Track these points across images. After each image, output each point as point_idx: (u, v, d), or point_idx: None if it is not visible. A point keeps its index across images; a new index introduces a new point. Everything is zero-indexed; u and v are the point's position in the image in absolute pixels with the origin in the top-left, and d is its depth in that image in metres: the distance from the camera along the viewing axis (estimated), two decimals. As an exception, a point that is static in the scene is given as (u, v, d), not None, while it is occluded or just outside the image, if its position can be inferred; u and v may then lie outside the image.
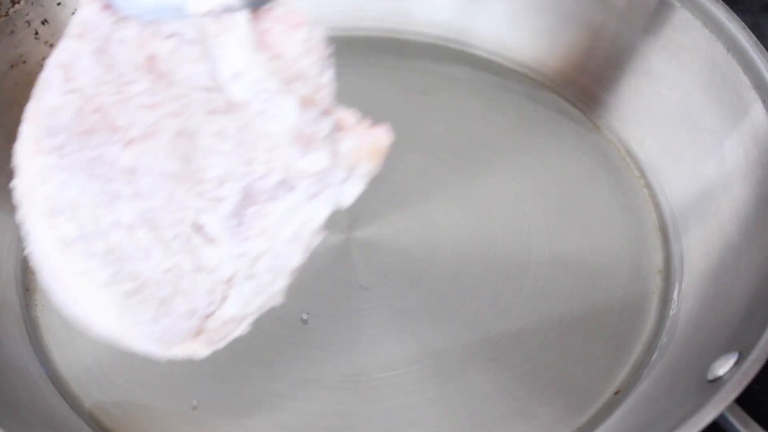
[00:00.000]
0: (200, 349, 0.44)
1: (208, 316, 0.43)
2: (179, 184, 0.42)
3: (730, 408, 0.43)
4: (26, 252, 0.45)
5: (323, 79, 0.44)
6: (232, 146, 0.42)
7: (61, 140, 0.42)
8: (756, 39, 0.56)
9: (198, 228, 0.42)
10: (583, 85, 0.65)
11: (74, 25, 0.43)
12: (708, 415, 0.42)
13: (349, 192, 0.44)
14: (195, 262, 0.42)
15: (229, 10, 0.42)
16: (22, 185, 0.43)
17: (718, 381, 0.45)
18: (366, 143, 0.43)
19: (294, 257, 0.43)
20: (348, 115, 0.43)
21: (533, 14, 0.63)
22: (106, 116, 0.42)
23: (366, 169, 0.43)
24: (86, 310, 0.43)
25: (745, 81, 0.56)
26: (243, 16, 0.42)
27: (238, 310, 0.43)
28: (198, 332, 0.43)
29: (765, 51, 0.55)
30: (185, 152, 0.42)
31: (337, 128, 0.43)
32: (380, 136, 0.43)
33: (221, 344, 0.44)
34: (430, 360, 0.52)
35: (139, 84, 0.42)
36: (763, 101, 0.54)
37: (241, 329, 0.44)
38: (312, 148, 0.42)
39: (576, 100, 0.65)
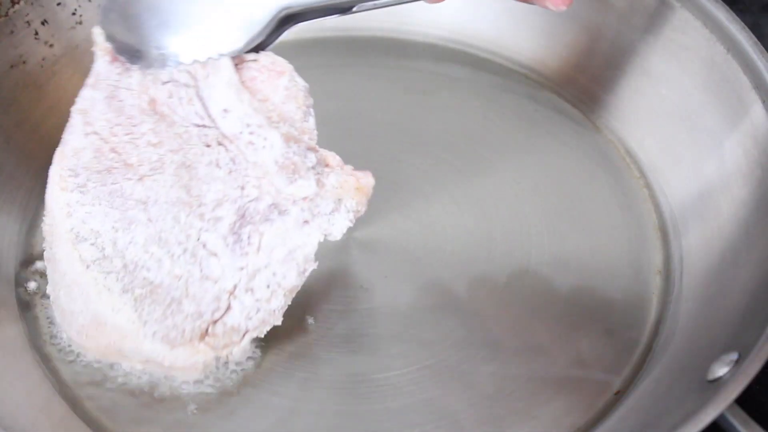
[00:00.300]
0: (203, 351, 0.48)
1: (214, 322, 0.48)
2: (183, 209, 0.48)
3: (730, 408, 0.43)
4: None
5: (307, 124, 0.50)
6: (226, 173, 0.48)
7: (83, 179, 0.49)
8: (756, 39, 0.56)
9: (202, 244, 0.48)
10: (583, 85, 0.65)
11: (90, 76, 0.51)
12: (708, 415, 0.42)
13: (338, 224, 0.49)
14: (202, 272, 0.48)
15: (212, 57, 0.50)
16: (50, 219, 0.50)
17: (718, 381, 0.45)
18: (351, 179, 0.48)
19: (289, 277, 0.49)
20: (332, 156, 0.49)
21: (533, 14, 0.63)
22: (121, 155, 0.49)
23: (352, 205, 0.49)
24: (100, 308, 0.48)
25: (745, 81, 0.56)
26: (225, 61, 0.50)
27: (242, 321, 0.48)
28: (203, 335, 0.48)
29: (765, 51, 0.55)
30: (186, 181, 0.48)
31: (323, 164, 0.48)
32: (363, 177, 0.49)
33: (223, 352, 0.49)
34: (430, 360, 0.52)
35: (145, 124, 0.49)
36: (763, 101, 0.54)
37: (243, 345, 0.49)
38: (299, 176, 0.47)
39: (576, 100, 0.65)
